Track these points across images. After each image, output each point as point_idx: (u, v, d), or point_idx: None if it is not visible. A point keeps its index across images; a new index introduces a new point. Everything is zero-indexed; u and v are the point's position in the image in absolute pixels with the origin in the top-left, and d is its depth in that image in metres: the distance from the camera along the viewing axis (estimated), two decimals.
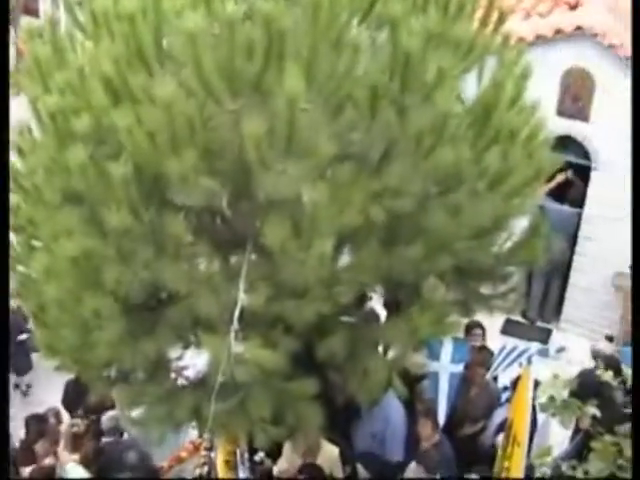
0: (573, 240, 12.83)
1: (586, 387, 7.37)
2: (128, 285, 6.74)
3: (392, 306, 8.87)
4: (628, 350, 9.26)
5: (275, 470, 9.06)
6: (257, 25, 6.07)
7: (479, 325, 10.12)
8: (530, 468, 7.68)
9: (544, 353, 8.99)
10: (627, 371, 7.80)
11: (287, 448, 9.07)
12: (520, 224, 7.93)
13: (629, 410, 7.28)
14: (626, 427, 5.93)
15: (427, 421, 8.91)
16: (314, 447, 8.82)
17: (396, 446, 9.26)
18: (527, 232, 8.04)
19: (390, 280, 7.26)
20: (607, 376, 6.48)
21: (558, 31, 11.87)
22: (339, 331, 7.22)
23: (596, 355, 9.89)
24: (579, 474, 6.10)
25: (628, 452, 5.90)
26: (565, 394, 6.04)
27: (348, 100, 6.54)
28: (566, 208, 12.86)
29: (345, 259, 7.06)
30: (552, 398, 5.97)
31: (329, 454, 8.91)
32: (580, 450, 7.50)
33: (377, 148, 6.75)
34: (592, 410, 6.08)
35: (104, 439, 9.60)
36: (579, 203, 12.78)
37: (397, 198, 6.59)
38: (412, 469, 8.82)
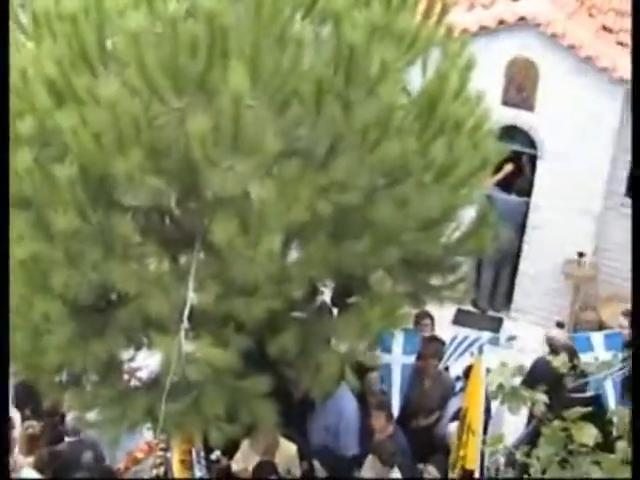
0: (521, 229, 12.91)
1: (536, 374, 7.43)
2: (77, 287, 6.69)
3: (342, 300, 8.89)
4: (578, 336, 9.36)
5: (234, 468, 9.04)
6: (200, 22, 6.06)
7: (428, 315, 10.12)
8: (483, 456, 7.75)
9: (495, 342, 9.04)
10: (581, 357, 7.87)
11: (244, 446, 9.05)
12: (468, 214, 7.98)
13: (578, 395, 7.37)
14: (575, 412, 5.98)
15: (380, 413, 8.92)
16: (272, 445, 8.81)
17: (350, 439, 9.25)
18: (475, 222, 8.08)
19: (340, 274, 7.28)
20: (558, 362, 6.52)
21: (501, 22, 11.93)
22: (290, 327, 7.23)
23: (550, 342, 9.95)
24: (533, 460, 6.14)
25: (579, 437, 5.95)
26: (514, 381, 6.07)
27: (293, 96, 6.54)
28: (513, 197, 12.93)
29: (294, 255, 7.07)
30: (501, 386, 5.99)
31: (287, 451, 8.89)
32: (533, 437, 7.56)
33: (323, 143, 6.76)
34: (540, 397, 6.11)
35: (67, 439, 9.52)
36: (526, 192, 12.85)
37: (344, 192, 6.60)
38: (369, 461, 8.85)
